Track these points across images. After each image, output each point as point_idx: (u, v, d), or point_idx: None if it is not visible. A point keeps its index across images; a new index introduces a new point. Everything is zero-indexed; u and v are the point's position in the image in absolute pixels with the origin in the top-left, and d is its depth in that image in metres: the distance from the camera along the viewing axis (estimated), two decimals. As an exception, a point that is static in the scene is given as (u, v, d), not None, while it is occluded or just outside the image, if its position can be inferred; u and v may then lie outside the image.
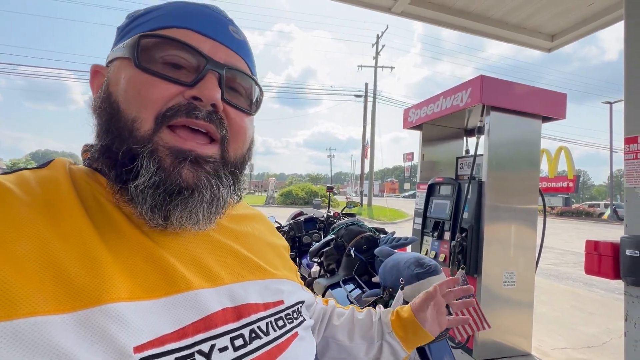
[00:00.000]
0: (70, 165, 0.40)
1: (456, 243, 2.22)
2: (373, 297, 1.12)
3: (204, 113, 0.38)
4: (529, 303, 2.37)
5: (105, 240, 0.33)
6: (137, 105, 0.36)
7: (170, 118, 0.36)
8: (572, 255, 7.93)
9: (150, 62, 0.37)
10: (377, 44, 21.40)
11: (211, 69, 0.39)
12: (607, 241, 1.46)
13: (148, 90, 0.36)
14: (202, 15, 0.41)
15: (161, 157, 0.36)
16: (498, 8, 2.45)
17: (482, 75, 2.18)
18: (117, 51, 0.40)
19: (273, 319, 0.43)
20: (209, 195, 0.38)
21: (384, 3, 2.36)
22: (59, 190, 0.35)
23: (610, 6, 2.26)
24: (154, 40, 0.38)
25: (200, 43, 0.39)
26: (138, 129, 0.36)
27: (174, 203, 0.36)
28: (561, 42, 2.71)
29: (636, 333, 1.36)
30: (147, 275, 0.34)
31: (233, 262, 0.44)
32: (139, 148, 0.35)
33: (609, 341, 3.02)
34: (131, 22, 0.42)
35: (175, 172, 0.36)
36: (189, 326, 0.34)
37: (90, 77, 0.42)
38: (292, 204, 21.04)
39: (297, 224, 2.31)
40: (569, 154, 13.33)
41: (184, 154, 0.37)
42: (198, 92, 0.38)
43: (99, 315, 0.29)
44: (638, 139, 1.39)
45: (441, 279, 0.99)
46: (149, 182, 0.35)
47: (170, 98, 0.37)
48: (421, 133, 3.08)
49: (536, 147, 2.39)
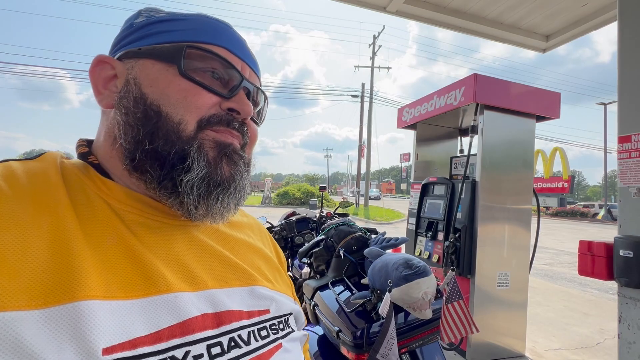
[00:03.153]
0: (62, 159, 0.39)
1: (449, 243, 2.19)
2: (361, 300, 1.09)
3: (238, 124, 0.43)
4: (523, 304, 2.35)
5: (86, 235, 0.33)
6: (183, 110, 0.39)
7: (213, 124, 0.41)
8: (566, 255, 7.97)
9: (193, 71, 0.40)
10: (373, 45, 21.43)
11: (245, 86, 0.45)
12: (600, 242, 1.44)
13: (194, 97, 0.39)
14: (232, 36, 0.45)
15: (207, 150, 0.39)
16: (493, 8, 2.44)
17: (475, 74, 2.16)
18: (145, 51, 0.41)
19: (256, 329, 0.41)
20: (240, 187, 0.43)
21: (379, 2, 2.33)
22: (47, 183, 0.34)
23: (604, 7, 2.26)
24: (199, 52, 0.41)
25: (235, 62, 0.44)
26: (184, 130, 0.38)
27: (215, 193, 0.40)
28: (556, 42, 2.70)
29: (630, 335, 1.34)
30: (126, 274, 0.33)
31: (219, 267, 0.43)
32: (189, 148, 0.38)
33: (602, 342, 3.01)
34: (151, 25, 0.43)
35: (219, 167, 0.40)
36: (165, 330, 0.32)
37: (92, 66, 0.42)
38: (289, 204, 20.99)
39: (289, 224, 2.27)
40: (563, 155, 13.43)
41: (225, 147, 0.41)
42: (237, 107, 0.43)
43: (71, 312, 0.28)
44: (631, 138, 1.37)
45: (430, 281, 0.96)
46: (200, 174, 0.38)
47: (211, 106, 0.41)
48: (415, 132, 3.05)
49: (530, 147, 2.37)
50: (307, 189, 23.24)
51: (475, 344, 2.22)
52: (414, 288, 0.94)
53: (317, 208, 7.86)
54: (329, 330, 1.19)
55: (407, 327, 1.11)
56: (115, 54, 0.43)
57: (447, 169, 2.88)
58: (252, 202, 23.66)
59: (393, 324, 0.93)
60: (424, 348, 1.25)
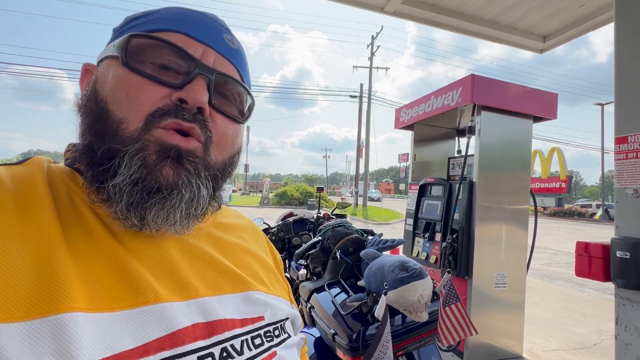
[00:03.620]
0: (49, 164, 0.38)
1: (447, 244, 2.19)
2: (357, 302, 1.08)
3: (190, 115, 0.37)
4: (520, 304, 2.35)
5: (71, 244, 0.31)
6: (125, 107, 0.35)
7: (159, 119, 0.36)
8: (564, 255, 7.99)
9: (139, 62, 0.37)
10: (372, 45, 21.44)
11: (200, 73, 0.38)
12: (597, 242, 1.44)
13: (136, 91, 0.36)
14: (197, 20, 0.41)
15: (148, 153, 0.35)
16: (490, 9, 2.44)
17: (472, 75, 2.15)
18: (107, 50, 0.39)
19: (250, 337, 0.39)
20: (188, 195, 0.37)
21: (376, 2, 2.32)
22: (32, 189, 0.33)
23: (601, 8, 2.26)
24: (145, 40, 0.38)
25: (192, 47, 0.39)
26: (124, 129, 0.35)
27: (151, 202, 0.35)
28: (553, 43, 2.70)
29: (627, 336, 1.34)
30: (112, 284, 0.32)
31: (211, 273, 0.41)
32: (122, 147, 0.34)
33: (600, 342, 3.01)
34: (126, 24, 0.41)
35: (157, 170, 0.35)
36: (153, 342, 0.31)
37: (81, 75, 0.42)
38: (287, 205, 20.96)
39: (286, 225, 2.26)
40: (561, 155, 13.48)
41: (170, 149, 0.35)
42: (185, 95, 0.37)
43: (53, 325, 0.27)
44: (628, 139, 1.37)
45: (426, 284, 0.95)
46: (128, 179, 0.34)
47: (159, 100, 0.36)
48: (413, 133, 3.05)
49: (527, 148, 2.37)
50: (305, 189, 23.22)
51: (472, 345, 2.21)
52: (409, 290, 0.93)
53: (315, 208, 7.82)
54: (325, 333, 1.18)
55: (403, 329, 1.10)
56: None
57: (444, 169, 2.87)
58: (250, 202, 23.64)
59: (388, 327, 0.92)
60: (421, 350, 1.25)
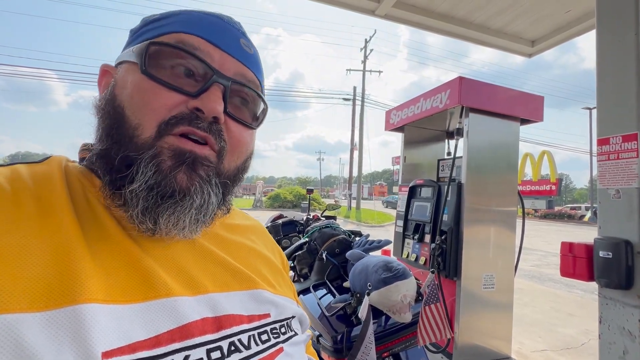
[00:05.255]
0: (67, 163, 0.40)
1: (436, 246, 2.19)
2: (341, 304, 1.07)
3: (205, 124, 0.38)
4: (509, 305, 2.36)
5: (88, 240, 0.33)
6: (141, 113, 0.36)
7: (173, 126, 0.37)
8: (553, 257, 8.10)
9: (157, 69, 0.38)
10: (365, 48, 21.59)
11: (217, 81, 0.39)
12: (581, 243, 1.46)
13: (153, 98, 0.37)
14: (214, 24, 0.41)
15: (162, 159, 0.36)
16: (480, 13, 2.47)
17: (460, 77, 2.17)
18: (126, 55, 0.40)
19: (256, 333, 0.41)
20: (199, 201, 0.38)
21: (367, 5, 2.34)
22: (51, 187, 0.35)
23: (585, 14, 2.31)
24: (162, 47, 0.38)
25: (209, 52, 0.40)
26: (139, 135, 0.36)
27: (164, 206, 0.36)
28: (541, 47, 2.75)
29: (610, 335, 1.35)
30: (126, 278, 0.33)
31: (219, 271, 0.43)
32: (137, 155, 0.35)
33: (587, 342, 3.05)
34: (143, 27, 0.42)
35: (171, 175, 0.36)
36: (164, 334, 0.32)
37: (99, 76, 0.43)
38: (280, 207, 20.89)
39: (275, 227, 2.24)
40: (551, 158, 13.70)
41: (184, 155, 0.37)
42: (200, 104, 0.38)
43: (71, 315, 0.28)
44: (610, 141, 1.39)
45: (409, 284, 0.95)
46: (144, 185, 0.35)
47: (174, 107, 0.37)
48: (403, 135, 3.06)
49: (515, 149, 2.39)
50: (299, 192, 23.17)
51: (461, 346, 2.21)
52: (392, 291, 0.93)
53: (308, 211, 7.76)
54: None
55: (388, 330, 1.10)
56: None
57: (434, 171, 2.89)
58: (243, 205, 23.49)
59: (371, 328, 0.92)
60: (408, 351, 1.24)
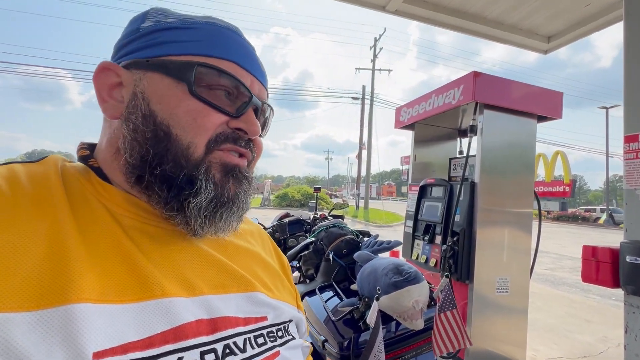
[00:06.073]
0: (64, 162, 0.40)
1: (447, 247, 2.11)
2: (348, 308, 1.01)
3: (244, 142, 0.43)
4: (524, 310, 2.27)
5: (83, 238, 0.33)
6: (192, 132, 0.38)
7: (220, 144, 0.40)
8: (568, 260, 7.87)
9: (202, 89, 0.39)
10: (374, 47, 21.41)
11: (253, 104, 0.44)
12: (605, 247, 1.37)
13: (203, 118, 0.39)
14: (242, 47, 0.44)
15: (214, 173, 0.39)
16: (493, 8, 2.38)
17: (474, 72, 2.08)
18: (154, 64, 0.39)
19: (252, 336, 0.40)
20: (242, 205, 0.43)
21: (378, 1, 2.27)
22: (48, 186, 0.35)
23: (608, 7, 2.19)
24: (209, 70, 0.40)
25: (244, 78, 0.43)
26: (193, 154, 0.38)
27: (220, 213, 0.40)
28: (558, 43, 2.63)
29: (637, 346, 1.26)
30: (121, 278, 0.33)
31: (216, 274, 0.43)
32: (197, 172, 0.38)
33: (606, 350, 2.91)
34: (161, 32, 0.41)
35: (227, 187, 0.40)
36: (158, 335, 0.32)
37: (97, 72, 0.41)
38: (288, 206, 20.92)
39: (281, 225, 2.19)
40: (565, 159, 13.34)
41: (232, 168, 0.41)
42: (245, 127, 0.42)
43: (63, 315, 0.28)
44: (638, 137, 1.30)
45: (422, 289, 0.89)
46: (207, 197, 0.38)
47: (219, 125, 0.40)
48: (413, 133, 2.97)
49: (531, 148, 2.29)
50: (306, 191, 23.15)
51: (473, 352, 2.13)
52: (404, 296, 0.86)
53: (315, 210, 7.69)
54: (315, 340, 1.11)
55: (398, 337, 1.03)
56: (120, 60, 0.42)
57: (445, 170, 2.80)
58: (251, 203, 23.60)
59: (381, 334, 0.86)
60: (419, 357, 1.18)
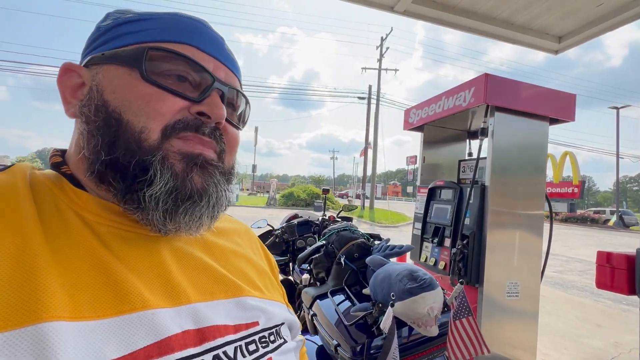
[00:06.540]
0: (33, 171, 0.38)
1: (457, 250, 2.10)
2: (362, 313, 1.01)
3: (209, 129, 0.40)
4: (534, 314, 2.25)
5: (54, 251, 0.31)
6: (145, 117, 0.36)
7: (179, 131, 0.37)
8: (577, 262, 7.76)
9: (157, 74, 0.38)
10: (381, 47, 21.33)
11: (217, 88, 0.41)
12: (621, 253, 1.35)
13: (157, 102, 0.37)
14: (204, 33, 0.42)
15: (173, 162, 0.36)
16: (503, 8, 2.34)
17: (486, 74, 2.07)
18: (108, 56, 0.39)
19: (244, 343, 0.39)
20: (214, 199, 0.39)
21: (386, 2, 2.25)
22: (14, 197, 0.33)
23: (621, 6, 2.15)
24: (162, 53, 0.38)
25: (205, 61, 0.41)
26: (146, 139, 0.36)
27: (184, 207, 0.37)
28: (569, 43, 2.59)
29: (653, 354, 1.24)
30: (97, 291, 0.31)
31: (203, 278, 0.41)
32: (151, 158, 0.35)
33: (617, 356, 2.87)
34: (118, 27, 0.40)
35: (189, 178, 0.37)
36: (140, 350, 0.30)
37: (60, 74, 0.40)
38: (294, 206, 20.96)
39: (290, 227, 2.20)
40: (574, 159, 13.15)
41: (195, 158, 0.38)
42: (207, 110, 0.39)
43: (33, 335, 0.26)
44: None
45: (437, 295, 0.88)
46: (164, 188, 0.35)
47: (178, 111, 0.38)
48: (422, 135, 2.96)
49: (543, 151, 2.27)
50: (312, 190, 23.16)
51: (483, 357, 2.11)
52: (418, 302, 0.86)
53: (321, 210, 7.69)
54: (327, 343, 1.11)
55: (411, 343, 1.03)
56: (83, 61, 0.41)
57: (454, 172, 2.78)
58: (257, 202, 23.70)
59: (396, 340, 0.86)
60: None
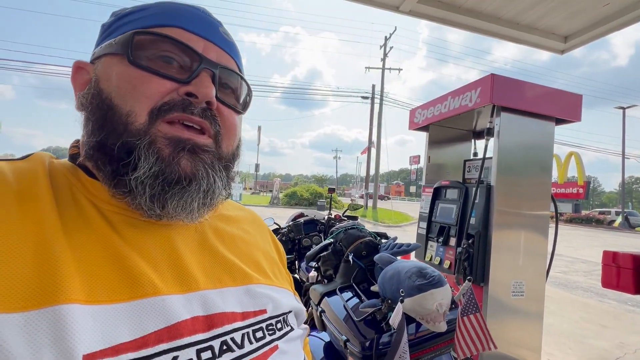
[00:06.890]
0: (52, 160, 0.39)
1: (462, 249, 2.11)
2: (371, 309, 1.04)
3: (199, 110, 0.38)
4: (539, 314, 2.26)
5: (70, 237, 0.32)
6: (132, 100, 0.36)
7: (166, 112, 0.37)
8: (582, 263, 7.72)
9: (143, 58, 0.38)
10: (385, 46, 21.29)
11: (205, 68, 0.40)
12: (627, 252, 1.36)
13: (143, 85, 0.36)
14: (194, 15, 0.41)
15: (160, 147, 0.36)
16: (509, 8, 2.35)
17: (492, 74, 2.08)
18: (105, 48, 0.40)
19: (251, 330, 0.39)
20: (205, 185, 0.38)
21: (391, 2, 2.26)
22: (33, 183, 0.34)
23: (628, 6, 2.15)
24: (148, 37, 0.38)
25: (193, 42, 0.40)
26: (133, 122, 0.35)
27: (172, 192, 0.36)
28: (575, 43, 2.59)
29: (658, 353, 1.25)
30: (111, 277, 0.32)
31: (212, 265, 0.41)
32: (135, 141, 0.35)
33: (622, 357, 2.87)
34: (118, 20, 0.41)
35: (175, 162, 0.36)
36: (151, 335, 0.31)
37: (72, 73, 0.42)
38: (297, 205, 20.99)
39: (297, 225, 2.23)
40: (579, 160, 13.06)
41: (183, 142, 0.37)
42: (194, 89, 0.38)
43: (51, 316, 0.27)
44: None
45: (445, 292, 0.90)
46: (149, 172, 0.35)
47: (165, 93, 0.37)
48: (427, 134, 2.97)
49: (549, 151, 2.27)
50: (315, 189, 23.19)
51: (488, 355, 2.13)
52: (427, 299, 0.88)
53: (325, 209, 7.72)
54: (336, 339, 1.14)
55: (419, 339, 1.05)
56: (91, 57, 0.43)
57: (459, 172, 2.79)
58: (260, 202, 23.77)
59: (405, 336, 0.88)
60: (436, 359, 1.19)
